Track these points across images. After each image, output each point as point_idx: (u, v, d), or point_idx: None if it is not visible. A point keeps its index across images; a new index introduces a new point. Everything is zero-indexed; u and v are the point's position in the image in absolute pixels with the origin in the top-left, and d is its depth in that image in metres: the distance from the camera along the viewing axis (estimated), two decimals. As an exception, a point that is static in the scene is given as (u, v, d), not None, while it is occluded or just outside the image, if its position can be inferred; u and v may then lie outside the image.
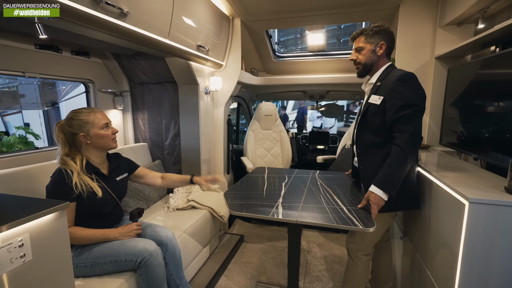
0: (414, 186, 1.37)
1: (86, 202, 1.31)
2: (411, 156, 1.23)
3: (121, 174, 1.53)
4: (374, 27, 1.39)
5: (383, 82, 1.36)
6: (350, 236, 1.54)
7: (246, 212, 1.30)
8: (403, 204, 1.38)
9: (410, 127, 1.22)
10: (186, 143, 2.44)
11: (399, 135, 1.24)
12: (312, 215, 1.22)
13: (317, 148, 3.67)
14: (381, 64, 1.42)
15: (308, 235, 2.73)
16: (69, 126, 1.34)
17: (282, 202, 1.40)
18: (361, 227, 1.10)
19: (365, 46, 1.41)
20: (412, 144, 1.22)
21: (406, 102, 1.23)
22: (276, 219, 1.23)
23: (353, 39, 1.47)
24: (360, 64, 1.44)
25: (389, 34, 1.39)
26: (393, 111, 1.26)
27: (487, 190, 1.03)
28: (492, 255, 0.98)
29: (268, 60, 3.25)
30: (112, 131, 1.42)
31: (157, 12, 1.57)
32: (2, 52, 1.58)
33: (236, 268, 2.18)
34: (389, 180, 1.22)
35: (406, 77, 1.27)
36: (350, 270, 1.55)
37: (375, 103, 1.34)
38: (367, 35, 1.40)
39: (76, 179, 1.27)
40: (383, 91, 1.33)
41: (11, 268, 0.78)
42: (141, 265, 1.29)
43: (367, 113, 1.39)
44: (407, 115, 1.22)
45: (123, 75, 2.43)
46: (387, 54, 1.41)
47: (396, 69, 1.38)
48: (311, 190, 1.59)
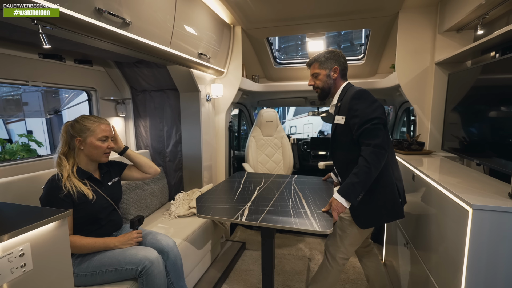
0: (395, 197, 1.39)
1: (80, 207, 1.31)
2: (375, 167, 1.26)
3: (113, 179, 1.54)
4: (326, 54, 1.49)
5: (342, 102, 1.44)
6: (329, 239, 1.56)
7: (212, 216, 1.38)
8: (387, 217, 1.43)
9: (374, 140, 1.27)
10: (187, 150, 2.44)
11: (364, 147, 1.29)
12: (274, 218, 1.29)
13: (318, 154, 3.66)
14: (338, 85, 1.50)
15: (310, 242, 2.70)
16: (72, 128, 1.37)
17: (250, 206, 1.45)
18: (318, 229, 1.17)
19: (320, 72, 1.49)
20: (375, 155, 1.26)
21: (365, 117, 1.30)
22: (239, 222, 1.30)
23: (308, 65, 1.56)
24: (318, 88, 1.52)
25: (341, 57, 1.48)
26: (356, 128, 1.32)
27: (491, 196, 1.02)
28: (498, 263, 0.96)
29: (269, 67, 3.27)
30: (108, 146, 1.43)
31: (159, 21, 1.59)
32: (6, 61, 1.60)
33: (237, 276, 2.15)
34: (352, 189, 1.28)
35: (359, 94, 1.35)
36: (323, 271, 1.56)
37: (340, 123, 1.42)
38: (320, 62, 1.49)
39: (66, 180, 1.29)
40: (344, 111, 1.41)
41: (11, 278, 0.78)
42: (142, 274, 1.28)
43: (336, 133, 1.47)
44: (368, 129, 1.28)
45: (125, 83, 2.45)
46: (342, 76, 1.50)
47: (351, 88, 1.45)
48: (283, 194, 1.65)
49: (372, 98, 1.34)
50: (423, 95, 2.18)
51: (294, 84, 3.21)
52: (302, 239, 2.77)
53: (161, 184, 2.36)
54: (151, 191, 2.21)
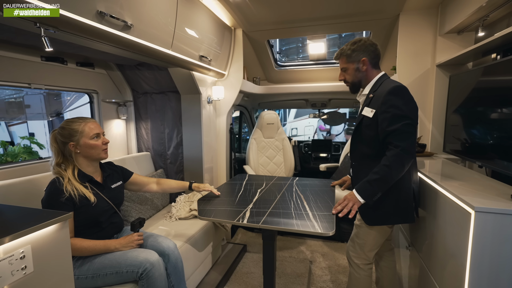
0: (410, 200, 1.35)
1: (81, 209, 1.31)
2: (397, 170, 1.22)
3: (115, 182, 1.54)
4: (351, 46, 1.38)
5: (375, 94, 1.35)
6: (350, 245, 1.53)
7: (213, 218, 1.37)
8: (396, 218, 1.38)
9: (403, 143, 1.21)
10: (188, 152, 2.45)
11: (392, 148, 1.24)
12: (275, 220, 1.28)
13: (319, 156, 3.66)
14: (371, 76, 1.40)
15: (311, 245, 2.69)
16: (61, 135, 1.35)
17: (252, 208, 1.44)
18: (320, 231, 1.16)
19: (348, 66, 1.41)
20: (400, 159, 1.21)
21: (398, 114, 1.22)
22: (241, 224, 1.28)
23: (336, 59, 1.47)
24: (348, 82, 1.45)
25: (368, 46, 1.37)
26: (386, 124, 1.25)
27: (493, 198, 1.02)
28: (501, 265, 0.95)
29: (270, 69, 3.28)
30: (103, 141, 1.41)
31: (160, 24, 1.60)
32: (9, 64, 1.61)
33: (238, 279, 2.14)
34: (369, 188, 1.26)
35: (397, 90, 1.26)
36: (353, 280, 1.53)
37: (368, 115, 1.34)
38: (347, 56, 1.40)
39: (66, 184, 1.28)
40: (375, 104, 1.32)
41: (12, 281, 0.78)
42: (142, 276, 1.28)
43: (361, 125, 1.39)
44: (400, 130, 1.21)
45: (127, 85, 2.46)
46: (373, 65, 1.40)
47: (387, 80, 1.36)
48: (284, 196, 1.64)
49: (410, 97, 1.26)
50: (424, 97, 2.18)
51: (295, 86, 3.21)
52: (304, 241, 2.76)
53: (162, 186, 2.36)
54: (152, 193, 2.20)
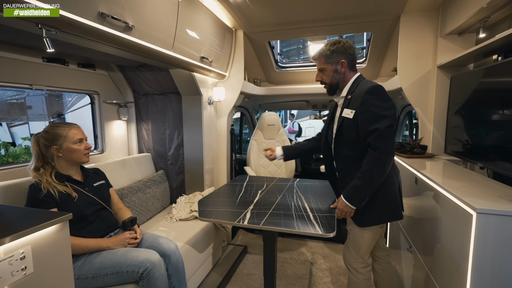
0: (396, 199, 1.38)
1: (64, 205, 1.31)
2: (379, 173, 1.24)
3: (97, 181, 1.55)
4: (331, 46, 1.38)
5: (353, 95, 1.36)
6: (345, 251, 1.53)
7: (214, 219, 1.37)
8: (385, 217, 1.41)
9: (382, 144, 1.22)
10: (189, 153, 2.45)
11: (371, 151, 1.25)
12: (276, 222, 1.27)
13: (320, 158, 3.65)
14: (348, 78, 1.41)
15: (312, 246, 2.68)
16: (44, 139, 1.38)
17: (252, 209, 1.44)
18: (321, 232, 1.16)
19: (326, 67, 1.41)
20: (381, 162, 1.23)
21: (378, 113, 1.24)
22: (241, 225, 1.29)
23: (314, 59, 1.46)
24: (326, 84, 1.45)
25: (348, 49, 1.37)
26: (367, 123, 1.26)
27: (495, 200, 1.01)
28: (503, 267, 0.94)
29: (271, 71, 3.28)
30: (85, 147, 1.45)
31: (161, 25, 1.60)
32: (10, 65, 1.62)
33: (238, 281, 2.14)
34: (355, 193, 1.28)
35: (375, 89, 1.28)
36: (352, 284, 1.52)
37: (348, 117, 1.34)
38: (325, 56, 1.40)
39: (45, 184, 1.29)
40: (354, 104, 1.32)
41: (12, 281, 0.78)
42: (143, 276, 1.28)
43: (342, 127, 1.38)
44: (380, 130, 1.22)
45: (128, 87, 2.47)
46: (351, 68, 1.41)
47: (364, 80, 1.38)
48: (285, 197, 1.65)
49: (387, 96, 1.28)
50: (425, 98, 2.18)
51: (295, 87, 3.22)
52: (304, 243, 2.75)
53: (163, 188, 2.36)
54: (152, 194, 2.21)
